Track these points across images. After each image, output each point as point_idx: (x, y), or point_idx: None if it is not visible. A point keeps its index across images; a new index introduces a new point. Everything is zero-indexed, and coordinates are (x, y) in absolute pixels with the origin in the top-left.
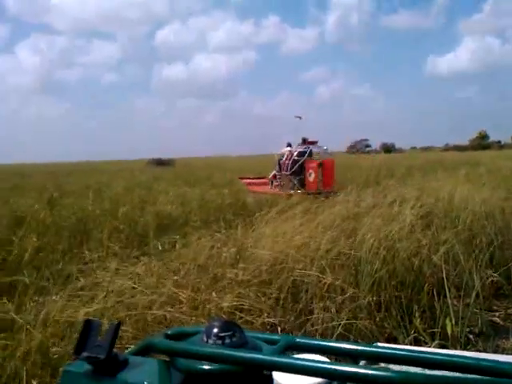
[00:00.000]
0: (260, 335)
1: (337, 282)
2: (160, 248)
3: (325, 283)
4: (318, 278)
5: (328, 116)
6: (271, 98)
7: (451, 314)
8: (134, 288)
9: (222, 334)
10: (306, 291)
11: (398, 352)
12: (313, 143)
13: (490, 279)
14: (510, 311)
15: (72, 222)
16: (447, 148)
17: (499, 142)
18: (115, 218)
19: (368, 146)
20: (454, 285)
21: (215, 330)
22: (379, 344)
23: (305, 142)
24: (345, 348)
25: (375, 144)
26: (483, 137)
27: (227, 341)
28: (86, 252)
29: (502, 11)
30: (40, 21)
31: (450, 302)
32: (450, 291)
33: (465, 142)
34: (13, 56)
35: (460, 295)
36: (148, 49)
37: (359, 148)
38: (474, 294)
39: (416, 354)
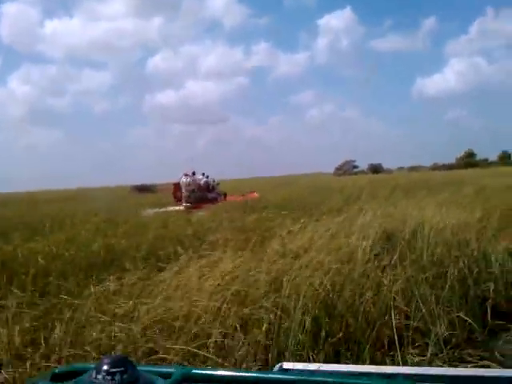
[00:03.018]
0: (155, 369)
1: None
2: None
3: None
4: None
5: (319, 138)
6: (264, 122)
7: None
8: None
9: (113, 370)
10: None
11: (299, 378)
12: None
13: (461, 323)
14: (483, 362)
15: None
16: (435, 167)
17: (486, 159)
18: None
19: (355, 166)
20: (418, 331)
21: (105, 367)
22: (284, 366)
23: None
24: (244, 376)
25: (363, 165)
26: (470, 155)
27: (117, 377)
28: None
29: (488, 33)
30: (32, 50)
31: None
32: (409, 341)
33: (452, 160)
34: (4, 86)
35: (425, 343)
36: (139, 76)
37: (346, 169)
38: (441, 343)
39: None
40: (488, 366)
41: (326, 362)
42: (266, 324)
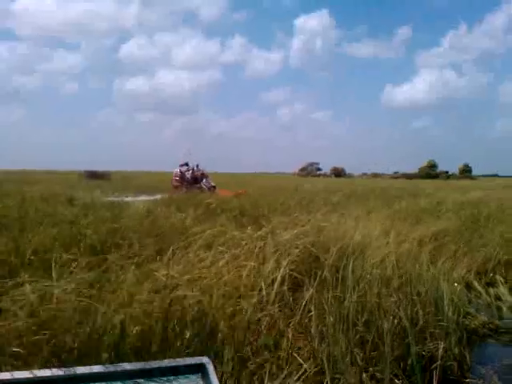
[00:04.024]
0: None
1: None
2: None
3: None
4: None
5: (287, 138)
6: (233, 117)
7: None
8: None
9: None
10: None
11: None
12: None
13: None
14: None
15: None
16: (396, 176)
17: (447, 172)
18: None
19: (319, 169)
20: None
21: None
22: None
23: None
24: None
25: (327, 168)
26: (432, 166)
27: None
28: None
29: (459, 47)
30: (2, 26)
31: None
32: None
33: (414, 170)
34: None
35: None
36: (112, 61)
37: (310, 171)
38: None
39: None
40: None
41: None
42: None
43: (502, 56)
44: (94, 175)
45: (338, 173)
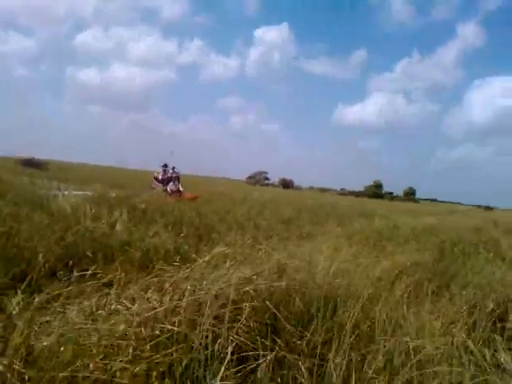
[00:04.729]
0: None
1: None
2: None
3: None
4: None
5: (237, 145)
6: (185, 119)
7: None
8: None
9: None
10: None
11: None
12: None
13: None
14: None
15: None
16: (343, 192)
17: (391, 193)
18: None
19: (267, 178)
20: None
21: None
22: None
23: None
24: None
25: (274, 178)
26: (378, 186)
27: None
28: None
29: (411, 74)
30: None
31: None
32: None
33: (361, 188)
34: None
35: None
36: (65, 49)
37: (258, 180)
38: None
39: None
40: None
41: None
42: None
43: (450, 89)
44: (29, 163)
45: (286, 184)
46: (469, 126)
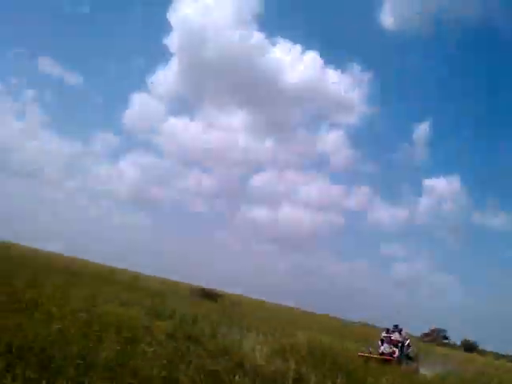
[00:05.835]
0: None
1: None
2: None
3: None
4: None
5: (400, 293)
6: (346, 262)
7: None
8: None
9: None
10: None
11: None
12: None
13: None
14: None
15: None
16: None
17: None
18: None
19: (445, 337)
20: None
21: None
22: None
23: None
24: None
25: (455, 338)
26: None
27: None
28: None
29: None
30: (148, 140)
31: None
32: None
33: None
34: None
35: None
36: (239, 189)
37: (435, 338)
38: None
39: None
40: None
41: None
42: None
43: None
44: (203, 293)
45: (469, 346)
46: None
